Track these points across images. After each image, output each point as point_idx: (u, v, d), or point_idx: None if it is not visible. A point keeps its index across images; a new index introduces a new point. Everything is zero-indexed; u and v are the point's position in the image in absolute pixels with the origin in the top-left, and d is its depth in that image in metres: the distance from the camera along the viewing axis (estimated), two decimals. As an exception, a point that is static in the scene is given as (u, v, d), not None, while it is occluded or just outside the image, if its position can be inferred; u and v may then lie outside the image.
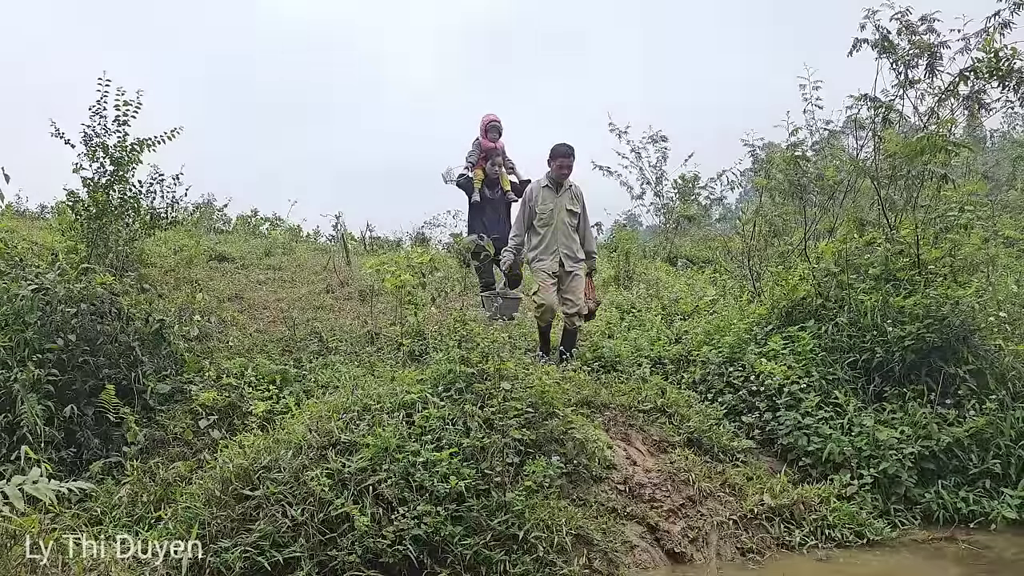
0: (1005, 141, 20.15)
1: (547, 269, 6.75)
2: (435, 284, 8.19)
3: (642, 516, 4.90)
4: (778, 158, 8.65)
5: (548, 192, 6.86)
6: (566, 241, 6.82)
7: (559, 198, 6.84)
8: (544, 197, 6.86)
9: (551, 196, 6.84)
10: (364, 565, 4.10)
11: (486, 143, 8.44)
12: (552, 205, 6.81)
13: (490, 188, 8.48)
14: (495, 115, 8.47)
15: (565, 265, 6.79)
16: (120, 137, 7.38)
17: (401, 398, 5.09)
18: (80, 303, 5.98)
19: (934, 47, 7.13)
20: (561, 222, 6.80)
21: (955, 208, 7.07)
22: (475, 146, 8.49)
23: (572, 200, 6.88)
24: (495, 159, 8.37)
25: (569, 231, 6.84)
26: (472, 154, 8.49)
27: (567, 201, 6.85)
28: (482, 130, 8.43)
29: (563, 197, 6.85)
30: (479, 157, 8.46)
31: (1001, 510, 5.33)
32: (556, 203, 6.82)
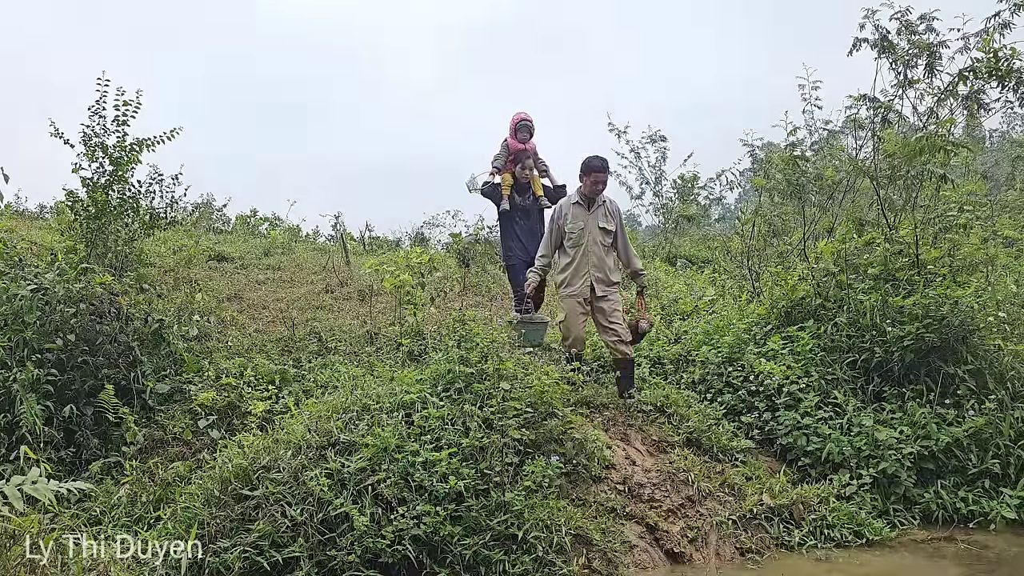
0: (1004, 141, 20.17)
1: (577, 295, 6.12)
2: (434, 284, 8.18)
3: (641, 516, 4.91)
4: (777, 158, 8.65)
5: (579, 209, 6.24)
6: (598, 263, 6.14)
7: (591, 215, 6.20)
8: (574, 215, 6.22)
9: (582, 214, 6.22)
10: (363, 565, 4.10)
11: (515, 144, 7.60)
12: (583, 223, 6.18)
13: (520, 194, 7.58)
14: (526, 113, 7.64)
15: (597, 289, 6.11)
16: (119, 137, 7.37)
17: (400, 398, 5.09)
18: (79, 303, 5.98)
19: (933, 47, 7.14)
20: (593, 242, 6.15)
21: (954, 208, 7.09)
22: (503, 148, 7.64)
23: (606, 217, 6.24)
24: (525, 161, 7.52)
25: (602, 251, 6.17)
26: (499, 157, 7.62)
27: (600, 218, 6.21)
28: (511, 129, 7.62)
29: (596, 214, 6.21)
30: (507, 160, 7.61)
31: (1000, 510, 5.33)
32: (587, 221, 6.19)
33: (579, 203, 6.25)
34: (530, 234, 7.46)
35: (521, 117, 7.60)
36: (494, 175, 7.57)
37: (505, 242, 7.64)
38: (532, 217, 7.58)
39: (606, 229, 6.20)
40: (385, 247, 14.17)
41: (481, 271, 10.09)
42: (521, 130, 7.58)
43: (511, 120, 7.63)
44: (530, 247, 7.25)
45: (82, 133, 7.32)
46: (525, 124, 7.59)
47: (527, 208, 7.57)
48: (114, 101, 7.30)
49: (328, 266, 10.11)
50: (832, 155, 9.02)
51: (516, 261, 7.40)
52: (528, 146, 7.60)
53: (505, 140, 7.65)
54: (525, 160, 7.50)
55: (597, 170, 6.20)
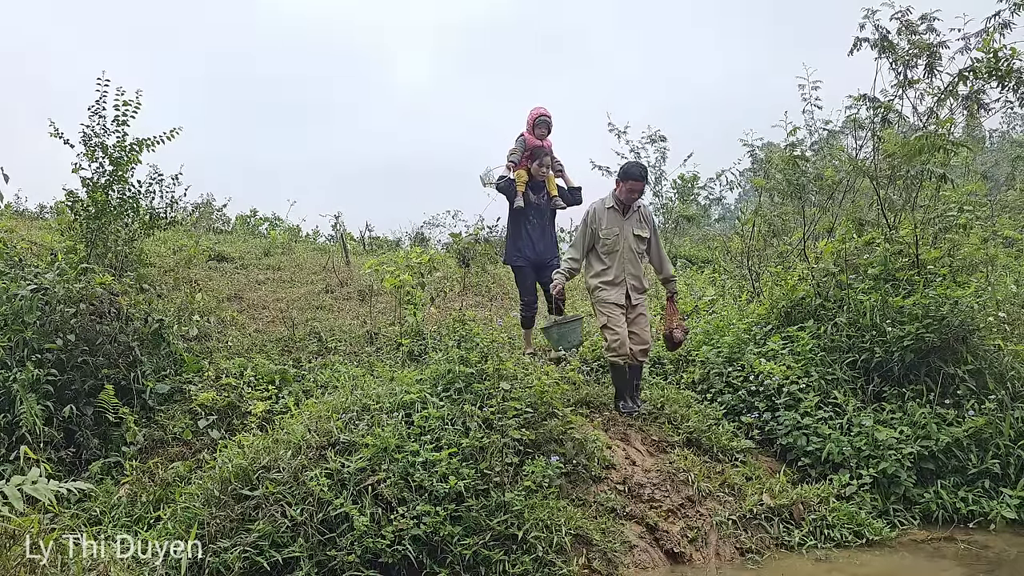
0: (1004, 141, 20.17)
1: (614, 300, 5.95)
2: (434, 284, 8.18)
3: (641, 516, 4.90)
4: (777, 158, 8.65)
5: (613, 214, 6.05)
6: (633, 270, 6.03)
7: (626, 221, 6.05)
8: (609, 220, 6.05)
9: (617, 219, 6.04)
10: (363, 565, 4.10)
11: (532, 140, 7.23)
12: (618, 229, 6.02)
13: (535, 192, 7.21)
14: (545, 109, 7.26)
15: (632, 298, 6.00)
16: (119, 137, 7.38)
17: (400, 398, 5.09)
18: (79, 303, 5.99)
19: (933, 47, 7.14)
20: (628, 248, 6.01)
21: (954, 208, 7.09)
22: (519, 143, 7.27)
23: (640, 223, 6.10)
24: (543, 158, 7.17)
25: (636, 259, 6.05)
26: (515, 152, 7.26)
27: (635, 225, 6.07)
28: (529, 124, 7.23)
29: (631, 220, 6.06)
30: (523, 155, 7.25)
31: (1000, 510, 5.33)
32: (623, 227, 6.03)
33: (614, 208, 6.06)
34: (541, 234, 7.16)
35: (540, 112, 7.22)
36: (510, 169, 7.21)
37: (514, 241, 7.24)
38: (545, 217, 7.25)
39: (641, 236, 6.07)
40: (385, 247, 14.18)
41: (481, 271, 10.09)
42: (539, 126, 7.23)
43: (529, 114, 7.26)
44: (540, 248, 7.07)
45: (82, 133, 7.32)
46: (544, 120, 7.22)
47: (541, 207, 7.23)
48: (114, 101, 7.31)
49: (328, 266, 10.12)
50: (832, 155, 9.02)
51: (524, 263, 7.11)
52: (545, 143, 7.29)
53: (521, 135, 7.30)
54: (543, 157, 7.17)
55: (635, 179, 6.01)
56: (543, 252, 7.02)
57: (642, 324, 6.04)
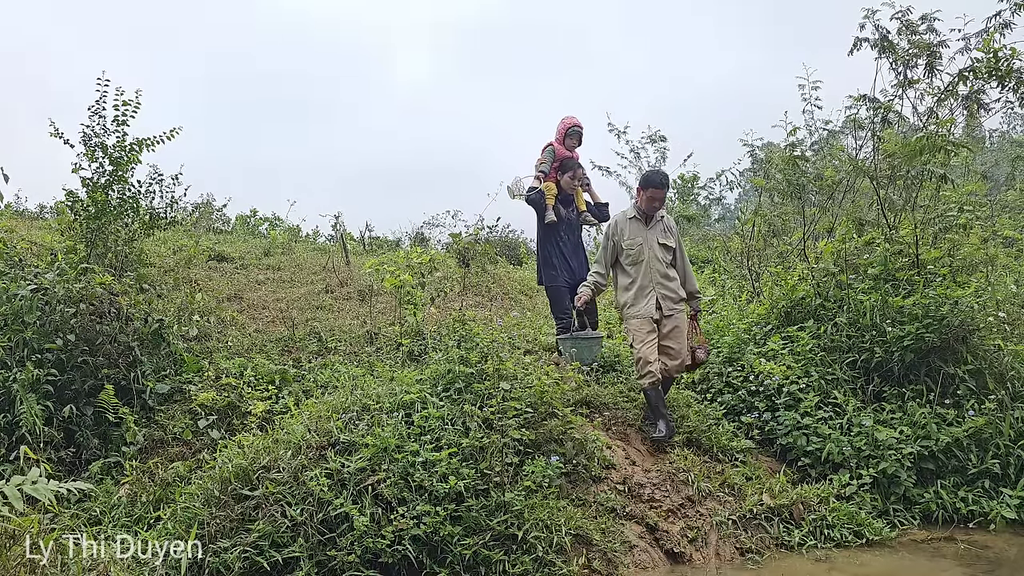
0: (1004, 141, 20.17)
1: (644, 314, 5.69)
2: (434, 284, 8.18)
3: (641, 516, 4.90)
4: (777, 158, 8.65)
5: (636, 224, 5.86)
6: (662, 279, 5.77)
7: (649, 231, 5.84)
8: (632, 230, 5.84)
9: (639, 229, 5.84)
10: (363, 565, 4.10)
11: (562, 150, 6.87)
12: (641, 239, 5.81)
13: (565, 206, 6.86)
14: (577, 119, 6.93)
15: (664, 307, 5.73)
16: (119, 137, 7.38)
17: (400, 398, 5.09)
18: (79, 303, 5.99)
19: (933, 47, 7.14)
20: (654, 257, 5.78)
21: (954, 208, 7.09)
22: (548, 153, 6.89)
23: (665, 233, 5.88)
24: (576, 171, 6.83)
25: (664, 267, 5.80)
26: (544, 162, 6.88)
27: (659, 234, 5.85)
28: (559, 134, 6.88)
29: (654, 230, 5.85)
30: (552, 166, 6.87)
31: (1000, 510, 5.33)
32: (646, 236, 5.83)
33: (636, 218, 5.87)
34: (574, 251, 6.82)
35: (573, 123, 6.90)
36: (539, 181, 6.82)
37: (547, 260, 6.84)
38: (576, 233, 6.90)
39: (666, 245, 5.85)
40: (385, 247, 14.19)
41: (481, 271, 10.09)
42: (571, 136, 6.91)
43: (560, 124, 6.93)
44: (574, 265, 6.73)
45: (82, 133, 7.33)
46: (576, 131, 6.91)
47: (572, 222, 6.88)
48: (114, 101, 7.32)
49: (328, 266, 10.12)
50: (832, 155, 9.02)
51: (561, 283, 6.74)
52: (575, 155, 6.98)
53: (550, 145, 6.94)
54: (575, 169, 6.83)
55: (655, 186, 5.80)
56: (577, 270, 6.71)
57: (677, 337, 5.77)
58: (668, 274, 5.81)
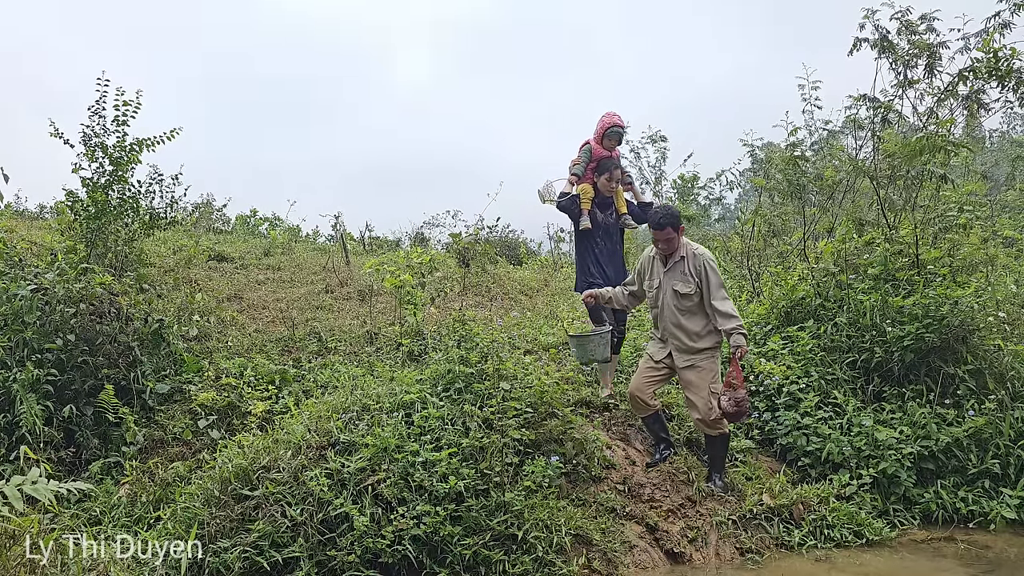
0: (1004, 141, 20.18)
1: (650, 352, 5.48)
2: (434, 284, 8.18)
3: (641, 516, 4.90)
4: (777, 158, 8.65)
5: (656, 265, 5.39)
6: (676, 329, 5.26)
7: (667, 274, 5.30)
8: (652, 270, 5.41)
9: (658, 271, 5.36)
10: (363, 565, 4.10)
11: (599, 150, 6.32)
12: (658, 282, 5.35)
13: (602, 209, 6.30)
14: (619, 116, 6.35)
15: (677, 359, 5.30)
16: (119, 137, 7.38)
17: (400, 398, 5.09)
18: (79, 303, 5.99)
19: (933, 47, 7.14)
20: (668, 306, 5.28)
21: (954, 208, 7.09)
22: (584, 153, 6.36)
23: (684, 276, 5.23)
24: (613, 171, 6.24)
25: (679, 317, 5.25)
26: (579, 163, 6.36)
27: (676, 278, 5.26)
28: (598, 134, 6.32)
29: (672, 273, 5.29)
30: (587, 167, 6.35)
31: (1000, 510, 5.33)
32: (663, 280, 5.32)
33: (658, 258, 5.40)
34: (611, 258, 6.29)
35: (612, 121, 6.31)
36: (573, 184, 6.33)
37: (583, 267, 6.36)
38: (614, 238, 6.36)
39: (680, 292, 5.25)
40: (385, 247, 14.19)
41: (481, 271, 10.09)
42: (610, 136, 6.32)
43: (599, 122, 6.37)
44: (611, 272, 6.22)
45: (82, 133, 7.33)
46: (616, 131, 6.32)
47: (609, 227, 6.32)
48: (114, 101, 7.32)
49: (328, 266, 10.12)
50: (832, 155, 9.02)
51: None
52: (614, 154, 6.44)
53: (586, 143, 6.40)
54: (612, 170, 6.25)
55: (656, 227, 5.24)
56: (614, 278, 6.15)
57: (694, 390, 5.23)
58: (683, 324, 5.26)
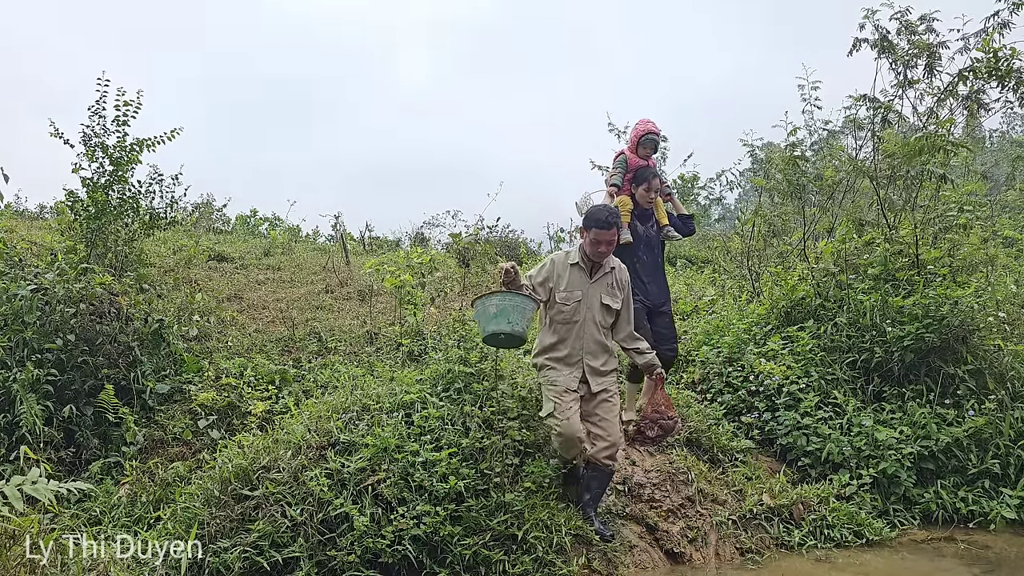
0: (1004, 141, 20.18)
1: (564, 385, 4.60)
2: (434, 284, 8.18)
3: (641, 516, 4.91)
4: (777, 158, 8.66)
5: (578, 274, 4.67)
6: (594, 348, 4.63)
7: (593, 285, 4.66)
8: (571, 281, 4.65)
9: (581, 281, 4.66)
10: (363, 565, 4.10)
11: (635, 159, 6.02)
12: (580, 294, 4.62)
13: (642, 222, 5.98)
14: (653, 123, 6.08)
15: (592, 383, 4.63)
16: (119, 137, 7.39)
17: (400, 398, 5.09)
18: (79, 303, 5.99)
19: (933, 47, 7.14)
20: (591, 321, 4.62)
21: (954, 208, 7.09)
22: (619, 164, 6.07)
23: (612, 290, 4.69)
24: (652, 181, 5.92)
25: (600, 334, 4.65)
26: (616, 174, 6.06)
27: (604, 291, 4.66)
28: (632, 142, 6.05)
29: (599, 284, 4.67)
30: (625, 178, 6.04)
31: (1000, 510, 5.34)
32: (587, 292, 4.64)
33: (579, 265, 4.69)
34: (653, 272, 5.91)
35: (647, 128, 6.03)
36: (611, 196, 5.98)
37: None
38: (656, 251, 6.01)
39: (609, 307, 4.68)
40: (385, 247, 14.19)
41: (481, 271, 10.09)
42: (645, 145, 6.03)
43: (633, 131, 6.13)
44: (653, 289, 5.81)
45: (82, 133, 7.33)
46: (651, 138, 6.03)
47: (651, 239, 5.98)
48: (114, 101, 7.32)
49: (328, 266, 10.12)
50: (832, 155, 9.02)
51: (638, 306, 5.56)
52: (651, 163, 6.15)
53: (622, 154, 6.13)
54: (651, 179, 5.93)
55: (600, 226, 4.60)
56: (656, 295, 5.81)
57: (606, 417, 4.64)
58: (604, 344, 4.67)
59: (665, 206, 6.14)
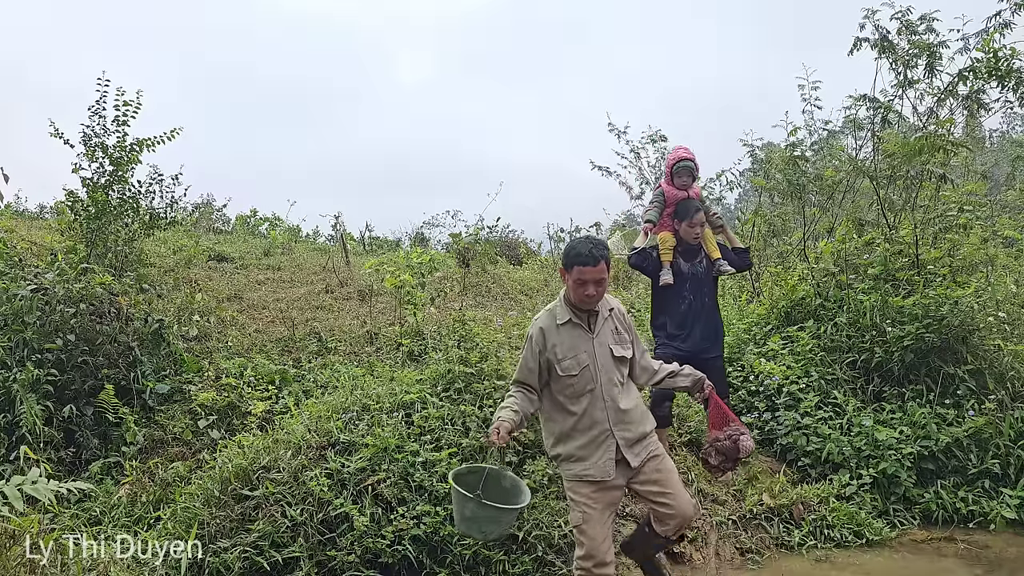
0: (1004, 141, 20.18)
1: (598, 475, 3.51)
2: (434, 284, 8.18)
3: (641, 516, 4.90)
4: (777, 158, 8.65)
5: (572, 332, 3.57)
6: (618, 415, 3.54)
7: (597, 337, 3.58)
8: (568, 342, 3.55)
9: (580, 338, 3.56)
10: (363, 565, 4.10)
11: (673, 192, 5.44)
12: (586, 354, 3.54)
13: (688, 258, 5.36)
14: (687, 150, 5.53)
15: (630, 458, 3.53)
16: (119, 137, 7.39)
17: (400, 398, 5.09)
18: (79, 303, 5.99)
19: (933, 47, 7.13)
20: (608, 383, 3.54)
21: (954, 208, 7.09)
22: (657, 197, 5.53)
23: (617, 334, 3.64)
24: (692, 216, 5.28)
25: (619, 392, 3.57)
26: (652, 209, 5.50)
27: (611, 338, 3.61)
28: (667, 172, 5.54)
29: (603, 333, 3.60)
30: (663, 213, 5.47)
31: (1000, 510, 5.32)
32: (593, 349, 3.56)
33: (573, 323, 3.58)
34: (700, 317, 5.28)
35: (681, 155, 5.48)
36: (648, 234, 5.46)
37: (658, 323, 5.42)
38: (704, 290, 5.34)
39: (623, 357, 3.63)
40: (385, 247, 14.19)
41: (481, 271, 10.09)
42: (680, 173, 5.45)
43: (667, 159, 5.64)
44: (698, 336, 5.24)
45: (82, 133, 7.34)
46: (686, 166, 5.43)
47: (699, 278, 5.34)
48: (114, 101, 7.33)
49: (328, 266, 10.12)
50: (832, 155, 9.02)
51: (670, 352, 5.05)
52: (692, 193, 5.48)
53: (659, 186, 5.62)
54: (694, 213, 5.29)
55: (584, 261, 3.44)
56: (701, 342, 5.21)
57: (666, 483, 3.60)
58: (630, 405, 3.62)
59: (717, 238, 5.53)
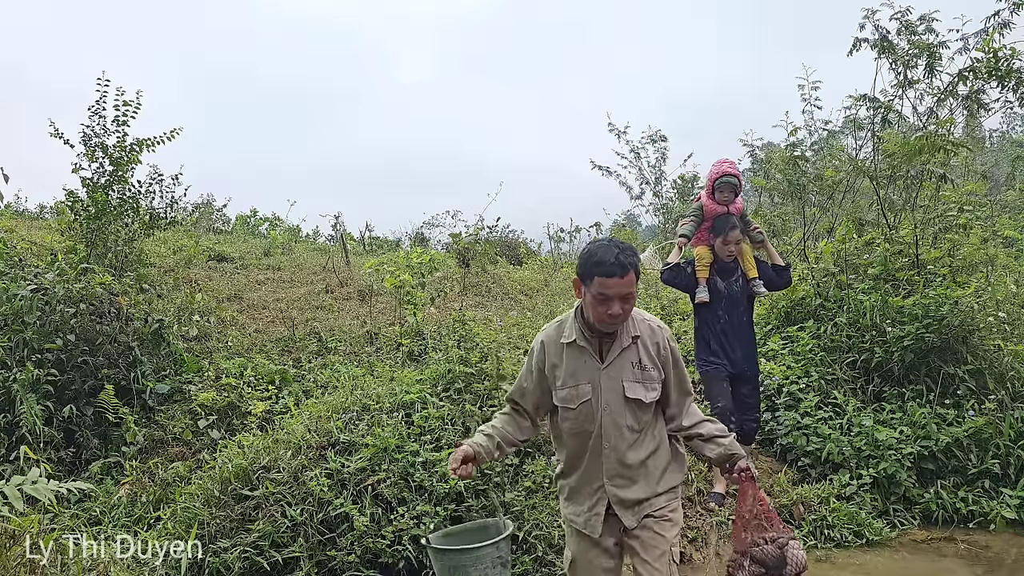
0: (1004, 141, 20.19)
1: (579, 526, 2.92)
2: (434, 284, 8.18)
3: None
4: (777, 158, 8.65)
5: (578, 357, 2.83)
6: (620, 469, 2.82)
7: (606, 369, 2.80)
8: (570, 369, 2.83)
9: (585, 366, 2.82)
10: (363, 565, 4.10)
11: (712, 206, 5.29)
12: (588, 386, 2.81)
13: (724, 276, 5.25)
14: (731, 165, 5.33)
15: (624, 519, 2.83)
16: (119, 137, 7.39)
17: (400, 398, 5.09)
18: (79, 303, 5.99)
19: (933, 47, 7.13)
20: (612, 428, 2.79)
21: (954, 208, 7.09)
22: (695, 211, 5.39)
23: (640, 369, 2.81)
24: (728, 233, 5.16)
25: (628, 442, 2.81)
26: (688, 223, 5.38)
27: (628, 373, 2.80)
28: (708, 185, 5.36)
29: (620, 365, 2.81)
30: (699, 227, 5.38)
31: (1000, 510, 5.32)
32: (601, 383, 2.80)
33: (581, 344, 2.82)
34: (737, 334, 5.25)
35: (722, 170, 5.27)
36: (682, 249, 5.38)
37: (704, 346, 5.33)
38: (739, 309, 5.27)
39: (641, 401, 2.80)
40: (385, 247, 14.19)
41: (481, 271, 10.09)
42: (722, 189, 5.25)
43: (709, 173, 5.41)
44: (738, 355, 5.22)
45: (82, 133, 7.33)
46: (729, 181, 5.24)
47: (734, 297, 5.26)
48: (114, 101, 7.33)
49: (328, 266, 10.12)
50: (832, 155, 9.02)
51: (716, 371, 5.21)
52: (733, 208, 5.29)
53: (698, 199, 5.48)
54: (729, 230, 5.15)
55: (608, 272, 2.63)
56: (741, 361, 5.21)
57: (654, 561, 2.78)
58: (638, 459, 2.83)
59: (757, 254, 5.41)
